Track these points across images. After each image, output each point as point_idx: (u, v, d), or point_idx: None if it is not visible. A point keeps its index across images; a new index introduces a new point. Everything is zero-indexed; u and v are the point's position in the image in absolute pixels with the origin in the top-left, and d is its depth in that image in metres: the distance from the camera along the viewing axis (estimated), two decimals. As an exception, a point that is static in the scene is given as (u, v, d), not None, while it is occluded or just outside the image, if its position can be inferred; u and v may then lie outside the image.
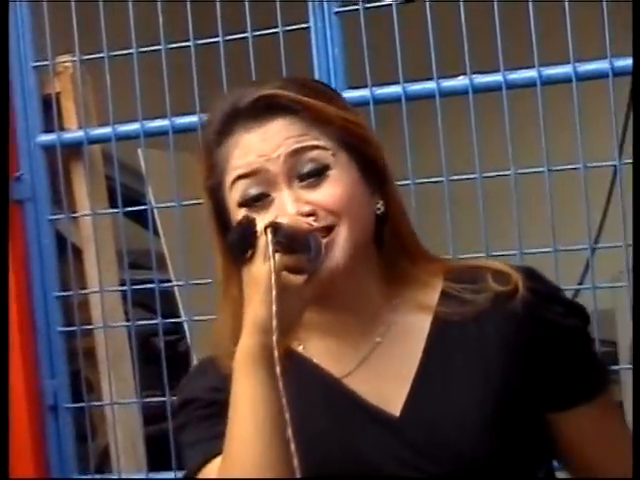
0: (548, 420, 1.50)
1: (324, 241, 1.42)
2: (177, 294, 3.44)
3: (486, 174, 2.96)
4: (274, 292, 1.34)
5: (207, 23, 3.10)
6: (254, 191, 1.45)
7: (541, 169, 2.92)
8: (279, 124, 1.45)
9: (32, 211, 3.34)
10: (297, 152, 1.45)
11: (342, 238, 1.43)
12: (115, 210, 3.35)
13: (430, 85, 2.97)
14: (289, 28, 3.00)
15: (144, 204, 3.40)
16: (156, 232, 3.41)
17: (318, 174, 1.45)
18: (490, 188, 2.97)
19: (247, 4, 3.01)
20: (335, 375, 1.47)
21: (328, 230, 1.44)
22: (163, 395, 3.15)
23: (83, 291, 3.34)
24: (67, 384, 3.29)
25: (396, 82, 2.99)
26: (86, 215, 3.36)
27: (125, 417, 3.33)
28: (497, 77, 2.92)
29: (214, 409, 1.44)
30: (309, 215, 1.43)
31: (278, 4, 2.98)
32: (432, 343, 1.49)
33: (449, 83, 2.97)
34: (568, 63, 2.87)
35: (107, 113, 3.23)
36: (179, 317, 3.36)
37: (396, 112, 2.96)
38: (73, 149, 3.35)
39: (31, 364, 3.32)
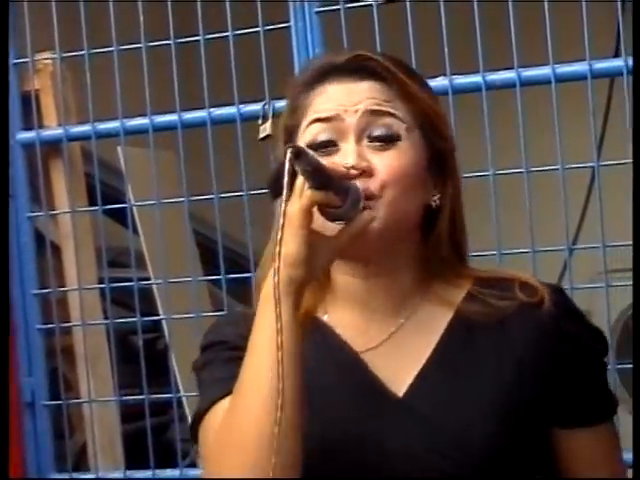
0: (551, 435, 1.51)
1: (369, 202, 1.42)
2: (156, 292, 3.43)
3: (465, 174, 2.96)
4: (285, 192, 1.33)
5: (188, 22, 3.09)
6: (324, 136, 1.46)
7: (520, 170, 2.93)
8: (366, 85, 1.48)
9: (11, 208, 3.32)
10: (375, 113, 1.46)
11: (384, 208, 1.43)
12: (94, 208, 3.34)
13: (410, 85, 2.97)
14: (270, 27, 3.00)
15: (123, 202, 3.40)
16: (135, 230, 3.41)
17: (387, 140, 1.46)
18: (468, 188, 2.97)
19: (228, 3, 3.01)
20: (354, 348, 1.48)
21: (372, 197, 1.43)
22: (141, 393, 3.14)
23: (62, 289, 3.33)
24: (45, 382, 3.29)
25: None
26: (65, 213, 3.36)
27: (103, 415, 3.33)
28: (476, 78, 2.93)
29: (241, 353, 1.42)
30: (363, 172, 1.43)
31: (259, 3, 2.99)
32: (448, 336, 1.50)
33: (430, 83, 2.96)
34: (547, 65, 2.88)
35: (87, 111, 3.22)
36: (158, 315, 3.35)
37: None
38: (52, 147, 3.34)
39: (8, 362, 3.31)
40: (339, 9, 2.97)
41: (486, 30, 2.87)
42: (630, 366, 3.65)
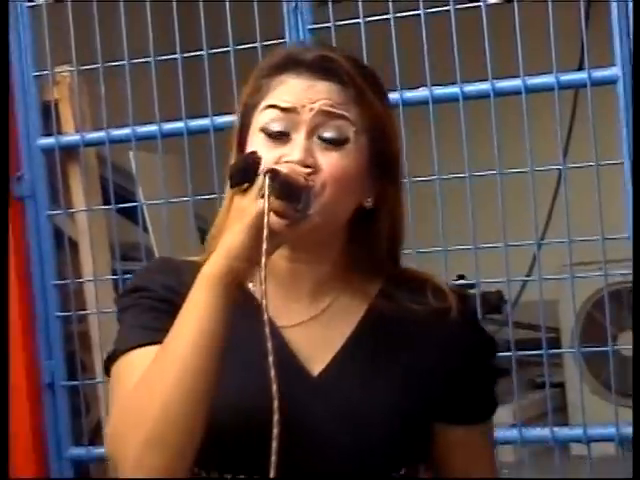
0: (434, 428, 1.51)
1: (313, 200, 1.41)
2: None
3: (443, 176, 2.97)
4: (265, 231, 1.33)
5: (193, 37, 3.09)
6: (278, 127, 1.44)
7: (493, 172, 2.93)
8: (325, 85, 1.45)
9: (32, 208, 3.32)
10: (328, 114, 1.44)
11: (324, 202, 1.41)
12: (108, 207, 3.34)
13: (394, 96, 2.97)
14: (267, 42, 2.99)
15: (134, 201, 3.40)
16: (145, 227, 3.41)
17: (336, 143, 1.44)
18: (447, 189, 2.98)
19: (229, 20, 3.01)
20: (276, 322, 1.45)
21: (315, 194, 1.42)
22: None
23: (78, 280, 3.33)
24: (63, 364, 3.28)
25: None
26: (81, 211, 3.36)
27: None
28: (454, 89, 2.93)
29: (165, 306, 1.41)
30: (308, 167, 1.41)
31: (257, 21, 2.99)
32: (362, 327, 1.49)
33: (411, 94, 2.97)
34: (518, 77, 2.88)
35: (101, 119, 3.22)
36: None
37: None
38: (70, 151, 3.33)
39: (31, 346, 3.31)
40: (330, 26, 2.97)
41: (463, 47, 2.88)
42: (593, 349, 3.67)
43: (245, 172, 1.36)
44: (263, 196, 1.35)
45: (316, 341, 1.47)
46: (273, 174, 1.35)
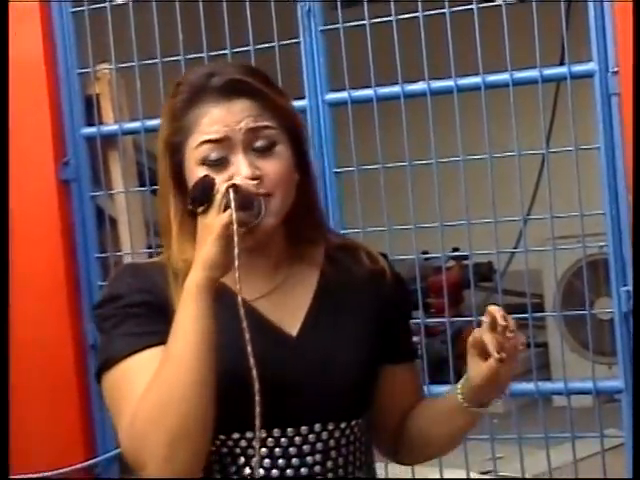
0: (381, 371, 1.57)
1: (265, 203, 1.45)
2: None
3: (440, 160, 2.99)
4: (236, 238, 1.36)
5: (217, 38, 3.11)
6: (216, 155, 1.45)
7: (484, 155, 2.94)
8: (242, 104, 1.46)
9: (77, 189, 3.34)
10: (254, 129, 1.46)
11: (278, 203, 1.46)
12: (143, 189, 3.35)
13: (396, 89, 2.99)
14: (284, 42, 3.01)
15: (167, 184, 3.40)
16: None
17: (268, 148, 1.47)
18: (444, 171, 2.99)
19: (250, 23, 3.02)
20: (244, 297, 1.46)
21: (266, 196, 1.45)
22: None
23: (118, 253, 3.35)
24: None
25: (369, 86, 3.00)
26: (120, 192, 3.38)
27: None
28: (449, 82, 2.94)
29: (143, 309, 1.43)
30: (256, 179, 1.45)
31: (275, 24, 3.00)
32: (319, 290, 1.53)
33: (411, 87, 2.98)
34: (506, 71, 2.88)
35: (137, 110, 3.24)
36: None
37: (369, 111, 2.97)
38: (110, 139, 3.35)
39: (76, 311, 3.33)
40: (339, 28, 2.98)
41: (457, 43, 2.88)
42: (573, 313, 3.68)
43: (203, 193, 1.38)
44: (225, 210, 1.38)
45: (284, 307, 1.51)
46: (235, 188, 1.38)
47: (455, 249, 3.66)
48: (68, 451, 3.28)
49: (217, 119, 1.45)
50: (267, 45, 3.03)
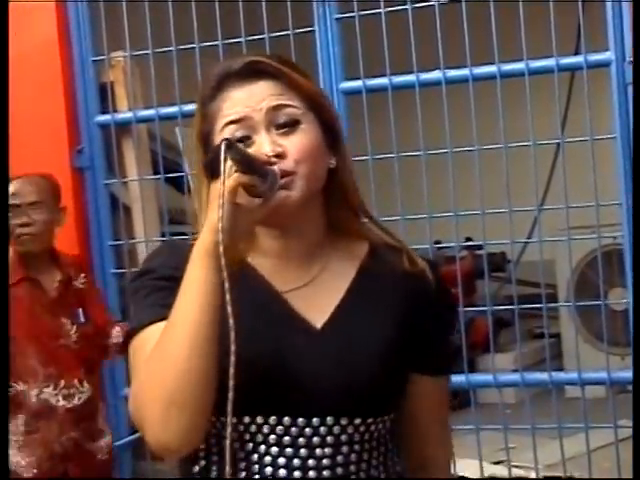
0: (408, 376, 1.51)
1: (284, 180, 1.40)
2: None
3: (455, 149, 2.97)
4: (222, 187, 1.32)
5: (232, 27, 3.09)
6: (239, 134, 1.42)
7: (500, 145, 2.92)
8: (263, 85, 1.44)
9: (91, 177, 3.34)
10: (276, 107, 1.44)
11: (300, 180, 1.42)
12: (157, 176, 3.35)
13: (411, 77, 2.97)
14: (298, 31, 2.99)
15: (180, 172, 3.40)
16: (190, 195, 3.41)
17: (291, 125, 1.44)
18: (458, 161, 2.97)
19: (265, 12, 3.00)
20: (277, 288, 1.45)
21: (288, 174, 1.41)
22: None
23: (131, 241, 3.34)
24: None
25: (384, 75, 2.98)
26: (134, 180, 3.37)
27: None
28: (465, 71, 2.92)
29: (170, 283, 1.40)
30: (278, 156, 1.41)
31: (290, 12, 2.98)
32: (354, 285, 1.49)
33: (427, 76, 2.96)
34: (521, 60, 2.86)
35: (151, 98, 3.23)
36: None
37: (384, 99, 2.95)
38: (124, 127, 3.34)
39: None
40: (354, 16, 2.96)
41: (473, 32, 2.86)
42: (587, 303, 3.66)
43: (215, 161, 1.37)
44: (229, 173, 1.34)
45: (316, 299, 1.47)
46: (228, 142, 1.35)
47: (468, 239, 3.64)
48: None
49: (238, 101, 1.44)
50: (282, 33, 3.02)
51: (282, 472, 1.40)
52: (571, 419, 2.99)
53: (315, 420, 1.42)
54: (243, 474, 1.40)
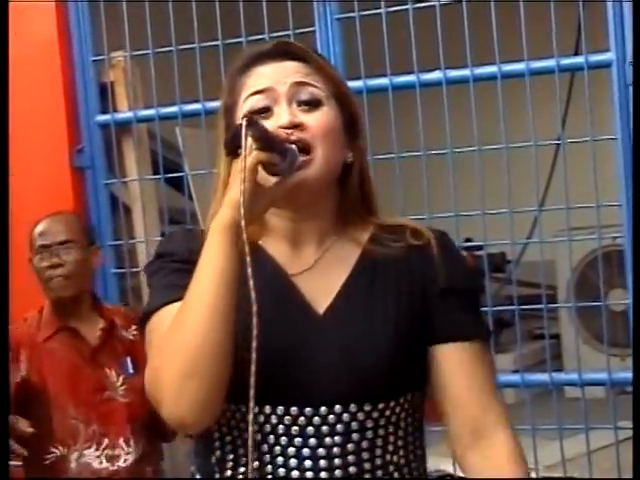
0: (431, 352, 1.48)
1: (303, 159, 1.41)
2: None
3: (456, 150, 2.96)
4: (242, 164, 1.33)
5: (232, 27, 3.08)
6: (261, 104, 1.44)
7: (500, 146, 2.91)
8: (291, 64, 1.46)
9: (91, 177, 3.33)
10: (300, 84, 1.45)
11: (317, 161, 1.42)
12: (157, 176, 3.35)
13: (412, 78, 2.96)
14: (299, 31, 2.98)
15: (181, 172, 3.40)
16: (190, 195, 3.41)
17: (313, 104, 1.45)
18: (458, 161, 2.96)
19: (265, 12, 2.99)
20: (285, 270, 1.46)
21: (306, 151, 1.41)
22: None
23: (131, 241, 3.33)
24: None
25: (384, 75, 2.98)
26: (134, 180, 3.36)
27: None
28: (465, 72, 2.91)
29: (188, 266, 1.40)
30: (297, 127, 1.42)
31: (290, 12, 2.97)
32: (357, 269, 1.48)
33: (427, 76, 2.95)
34: (522, 61, 2.85)
35: (151, 98, 3.22)
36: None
37: (385, 100, 2.94)
38: (124, 127, 3.33)
39: (90, 299, 3.32)
40: (355, 16, 2.95)
41: (473, 33, 2.85)
42: (587, 304, 3.65)
43: (236, 138, 1.36)
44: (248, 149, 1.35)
45: (319, 285, 1.47)
46: (249, 119, 1.35)
47: (468, 239, 3.63)
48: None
49: (264, 74, 1.46)
50: (282, 33, 3.00)
51: (293, 462, 1.40)
52: (571, 420, 2.98)
53: (323, 409, 1.40)
54: (255, 464, 1.39)
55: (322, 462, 1.39)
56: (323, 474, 1.39)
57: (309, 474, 1.39)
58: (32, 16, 3.29)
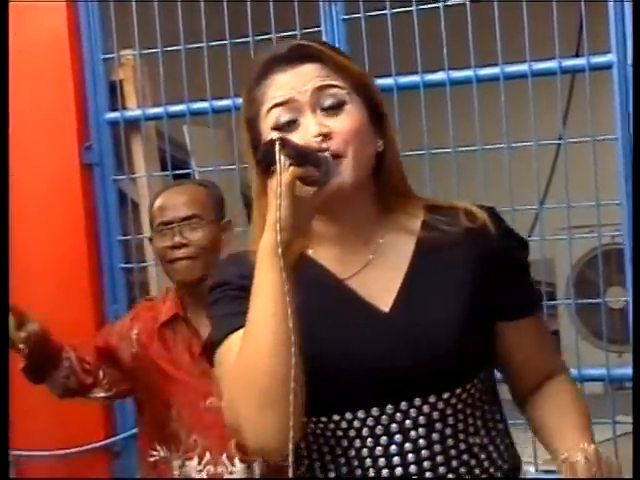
0: (497, 329, 1.50)
1: (336, 163, 1.39)
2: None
3: (458, 149, 2.97)
4: (279, 189, 1.30)
5: (240, 26, 3.10)
6: (285, 117, 1.42)
7: (502, 145, 2.93)
8: (308, 67, 1.44)
9: (100, 173, 3.34)
10: (321, 88, 1.43)
11: (350, 163, 1.41)
12: (165, 173, 3.36)
13: (416, 78, 2.97)
14: (305, 31, 3.00)
15: (188, 169, 3.41)
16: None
17: (337, 107, 1.43)
18: (461, 160, 2.98)
19: (272, 12, 3.01)
20: (337, 276, 1.45)
21: (338, 156, 1.40)
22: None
23: (139, 236, 3.34)
24: (126, 309, 3.30)
25: (389, 75, 2.99)
26: (142, 176, 3.37)
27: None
28: (469, 73, 2.92)
29: (242, 293, 1.40)
30: (326, 136, 1.40)
31: (297, 12, 2.99)
32: (416, 260, 1.47)
33: (431, 77, 2.97)
34: (524, 62, 2.87)
35: (160, 96, 3.23)
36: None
37: (389, 100, 2.96)
38: (133, 124, 3.35)
39: (98, 294, 3.34)
40: (360, 17, 2.97)
41: (476, 35, 2.87)
42: (586, 301, 3.66)
43: (267, 156, 1.35)
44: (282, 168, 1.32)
45: (377, 281, 1.45)
46: (282, 140, 1.33)
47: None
48: (88, 429, 3.29)
49: (283, 84, 1.43)
50: (289, 33, 3.02)
51: (381, 461, 1.41)
52: (570, 415, 2.99)
53: (403, 404, 1.41)
54: (344, 469, 1.41)
55: (410, 456, 1.41)
56: (412, 468, 1.41)
57: (399, 470, 1.41)
58: (42, 14, 3.30)
